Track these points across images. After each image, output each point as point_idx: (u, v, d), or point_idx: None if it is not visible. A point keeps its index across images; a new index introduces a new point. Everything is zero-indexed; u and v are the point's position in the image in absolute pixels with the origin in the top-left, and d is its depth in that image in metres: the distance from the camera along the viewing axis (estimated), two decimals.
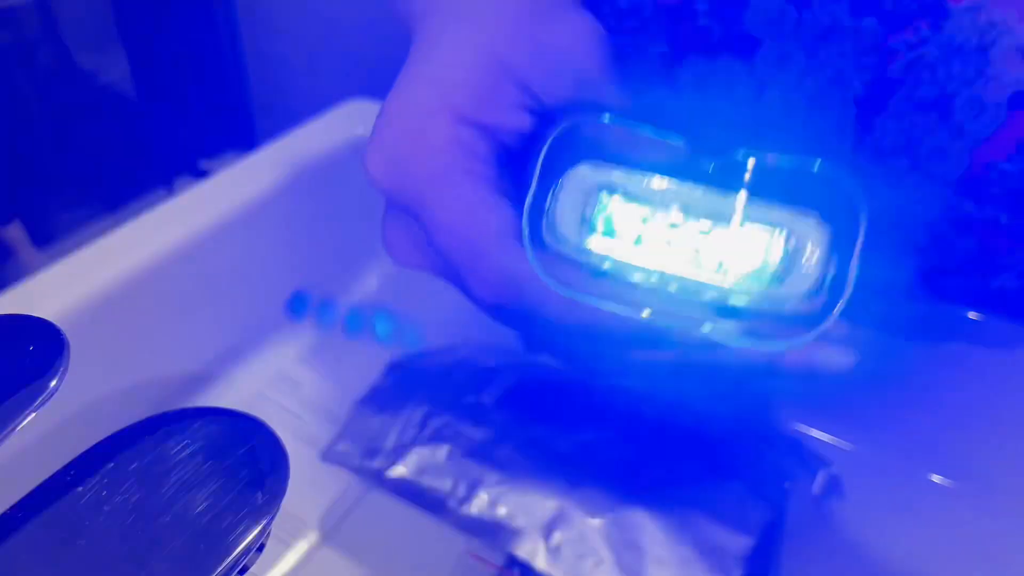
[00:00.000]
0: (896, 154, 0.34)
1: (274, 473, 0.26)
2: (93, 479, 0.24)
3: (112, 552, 0.23)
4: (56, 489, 0.24)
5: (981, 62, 0.30)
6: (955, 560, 0.40)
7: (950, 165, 0.33)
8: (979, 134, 0.32)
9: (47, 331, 0.25)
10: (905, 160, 0.34)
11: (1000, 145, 0.32)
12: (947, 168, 0.33)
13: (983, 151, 0.32)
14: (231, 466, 0.26)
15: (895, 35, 0.31)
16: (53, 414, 0.38)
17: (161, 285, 0.42)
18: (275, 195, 0.47)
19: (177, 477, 0.25)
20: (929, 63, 0.31)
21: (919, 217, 0.35)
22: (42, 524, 0.23)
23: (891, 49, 0.32)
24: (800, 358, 0.25)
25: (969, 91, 0.31)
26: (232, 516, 0.24)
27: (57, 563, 0.22)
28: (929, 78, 0.32)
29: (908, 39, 0.31)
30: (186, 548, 0.23)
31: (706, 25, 0.34)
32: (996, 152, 0.32)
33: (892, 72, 0.32)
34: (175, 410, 0.27)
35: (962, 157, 0.32)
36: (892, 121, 0.33)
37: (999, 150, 0.32)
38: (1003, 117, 0.31)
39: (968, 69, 0.31)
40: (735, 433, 0.41)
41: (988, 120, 0.31)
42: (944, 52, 0.31)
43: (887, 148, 0.34)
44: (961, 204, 0.34)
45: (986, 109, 0.31)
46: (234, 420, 0.28)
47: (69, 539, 0.23)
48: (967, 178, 0.33)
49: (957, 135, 0.32)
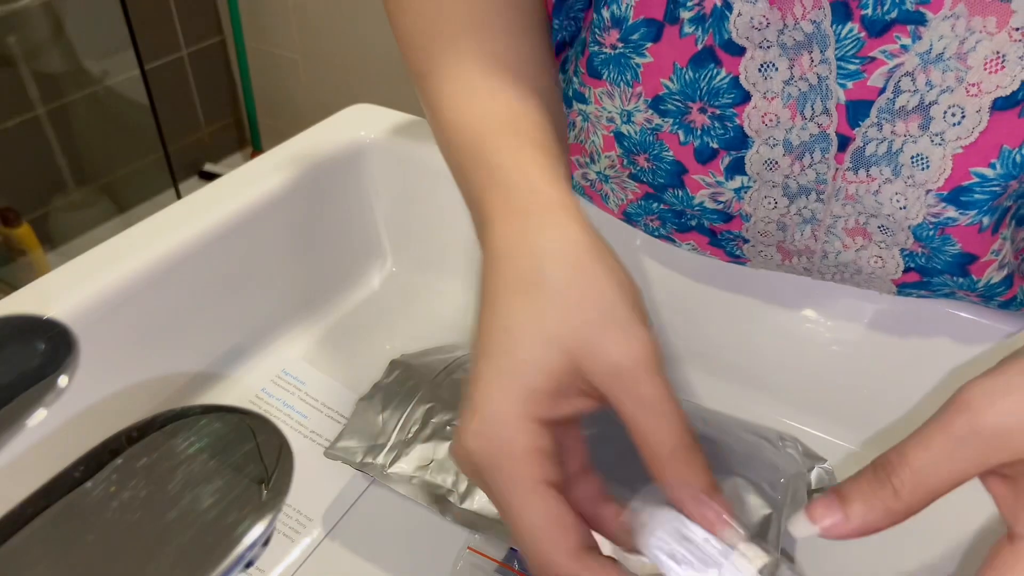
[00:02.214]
0: (878, 163, 0.34)
1: (279, 469, 0.27)
2: (102, 475, 0.25)
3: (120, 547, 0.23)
4: (65, 485, 0.24)
5: (960, 70, 0.31)
6: (953, 559, 0.40)
7: (932, 173, 0.33)
8: (961, 141, 0.32)
9: (57, 330, 0.25)
10: (887, 168, 0.34)
11: (983, 151, 0.32)
12: (929, 176, 0.33)
13: (965, 157, 0.32)
14: (237, 462, 0.26)
15: (875, 43, 0.32)
16: (63, 411, 0.39)
17: (169, 285, 0.43)
18: (280, 197, 0.48)
19: (184, 473, 0.25)
20: (908, 72, 0.32)
21: (902, 223, 0.35)
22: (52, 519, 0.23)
23: (871, 58, 0.32)
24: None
25: (949, 98, 0.31)
26: (238, 511, 0.25)
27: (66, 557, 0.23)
28: (909, 86, 0.32)
29: (888, 48, 0.32)
30: (193, 543, 0.24)
31: (691, 32, 0.34)
32: (979, 158, 0.32)
33: (873, 80, 0.32)
34: (182, 407, 0.28)
35: (944, 165, 0.33)
36: (874, 129, 0.33)
37: (982, 155, 0.32)
38: (985, 123, 0.31)
39: (947, 77, 0.31)
40: (732, 431, 0.42)
41: (970, 126, 0.32)
42: (923, 60, 0.31)
43: (869, 157, 0.34)
44: (944, 211, 0.34)
45: (967, 116, 0.31)
46: (239, 417, 0.28)
47: (78, 534, 0.23)
48: (949, 185, 0.33)
49: (939, 142, 0.32)
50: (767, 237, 0.40)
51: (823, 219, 0.37)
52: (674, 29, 0.34)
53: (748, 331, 0.46)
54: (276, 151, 0.51)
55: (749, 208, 0.38)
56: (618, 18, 0.35)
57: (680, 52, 0.35)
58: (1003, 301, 0.38)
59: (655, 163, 0.39)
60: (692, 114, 0.36)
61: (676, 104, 0.36)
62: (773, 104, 0.34)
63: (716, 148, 0.37)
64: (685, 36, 0.34)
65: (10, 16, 1.41)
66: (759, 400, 0.46)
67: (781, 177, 0.36)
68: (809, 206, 0.37)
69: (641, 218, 0.43)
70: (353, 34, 1.60)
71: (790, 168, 0.36)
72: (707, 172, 0.38)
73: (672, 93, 0.36)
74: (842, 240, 0.37)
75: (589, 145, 0.41)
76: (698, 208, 0.40)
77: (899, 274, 0.38)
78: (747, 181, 0.37)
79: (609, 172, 0.42)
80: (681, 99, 0.36)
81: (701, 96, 0.35)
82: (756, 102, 0.34)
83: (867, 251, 0.37)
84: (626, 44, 0.36)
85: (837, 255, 0.38)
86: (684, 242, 0.42)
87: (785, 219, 0.38)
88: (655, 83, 0.36)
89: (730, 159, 0.37)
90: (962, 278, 0.37)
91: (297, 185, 0.49)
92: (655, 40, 0.35)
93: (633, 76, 0.36)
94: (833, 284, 0.41)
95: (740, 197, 0.38)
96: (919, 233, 0.35)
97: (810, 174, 0.36)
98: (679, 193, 0.39)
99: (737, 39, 0.33)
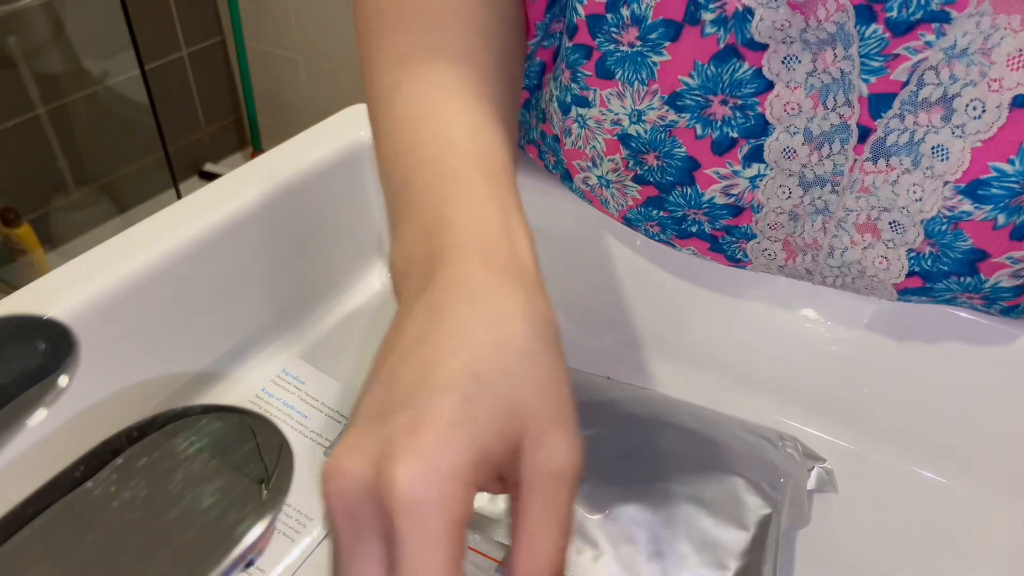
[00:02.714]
0: (898, 153, 0.34)
1: (279, 469, 0.27)
2: (102, 475, 0.25)
3: (121, 546, 0.23)
4: (65, 485, 0.24)
5: (984, 65, 0.31)
6: (952, 557, 0.40)
7: (951, 164, 0.33)
8: (981, 135, 0.32)
9: (57, 330, 0.25)
10: (907, 158, 0.34)
11: (1001, 146, 0.32)
12: (948, 167, 0.33)
13: (984, 151, 0.33)
14: (237, 462, 0.26)
15: (899, 42, 0.32)
16: (63, 411, 0.39)
17: (169, 285, 0.43)
18: (280, 197, 0.48)
19: (184, 473, 0.25)
20: (932, 66, 0.32)
21: (915, 216, 0.35)
22: (52, 519, 0.24)
23: (895, 55, 0.32)
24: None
25: (972, 92, 0.32)
26: (238, 511, 0.25)
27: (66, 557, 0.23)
28: (933, 79, 0.32)
29: (912, 44, 0.32)
30: (193, 542, 0.24)
31: (713, 33, 0.34)
32: (997, 153, 0.32)
33: (896, 75, 0.33)
34: (182, 407, 0.28)
35: (963, 157, 0.33)
36: (896, 120, 0.34)
37: (1000, 151, 0.32)
38: (1004, 119, 0.32)
39: (971, 71, 0.31)
40: (732, 431, 0.42)
41: (990, 121, 0.32)
42: (947, 55, 0.31)
43: (890, 147, 0.34)
44: (960, 204, 0.34)
45: (987, 110, 0.32)
46: (239, 417, 0.29)
47: (78, 533, 0.23)
48: (967, 177, 0.33)
49: (959, 135, 0.33)
50: (776, 230, 0.40)
51: (835, 211, 0.37)
52: (695, 29, 0.34)
53: (747, 332, 0.46)
54: (276, 151, 0.51)
55: (763, 198, 0.38)
56: (638, 17, 0.35)
57: (702, 51, 0.35)
58: (1006, 307, 0.38)
59: (665, 160, 0.39)
60: (713, 107, 0.36)
61: (695, 99, 0.36)
62: (796, 93, 0.34)
63: (735, 137, 0.37)
64: (707, 36, 0.34)
65: (10, 16, 1.41)
66: (758, 400, 0.46)
67: (798, 166, 0.36)
68: (823, 196, 0.37)
69: (641, 224, 0.43)
70: (353, 34, 1.60)
71: (808, 157, 0.36)
72: (723, 163, 0.38)
73: (692, 89, 0.36)
74: (851, 235, 0.38)
75: (589, 150, 0.41)
76: (706, 206, 0.40)
77: (902, 278, 0.38)
78: (764, 169, 0.37)
79: (611, 176, 0.42)
80: (701, 93, 0.36)
81: (723, 89, 0.35)
82: (779, 90, 0.35)
83: (873, 250, 0.37)
84: (644, 43, 0.36)
85: (843, 252, 0.38)
86: (684, 247, 0.43)
87: (798, 209, 0.38)
88: (672, 80, 0.36)
89: (749, 147, 0.37)
90: (970, 277, 0.37)
91: (297, 185, 0.49)
92: (673, 40, 0.35)
93: (649, 74, 0.36)
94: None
95: (755, 186, 0.38)
96: (931, 228, 0.35)
97: (827, 164, 0.36)
98: (687, 191, 0.39)
99: (759, 39, 0.34)
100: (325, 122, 0.54)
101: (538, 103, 0.45)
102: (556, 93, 0.42)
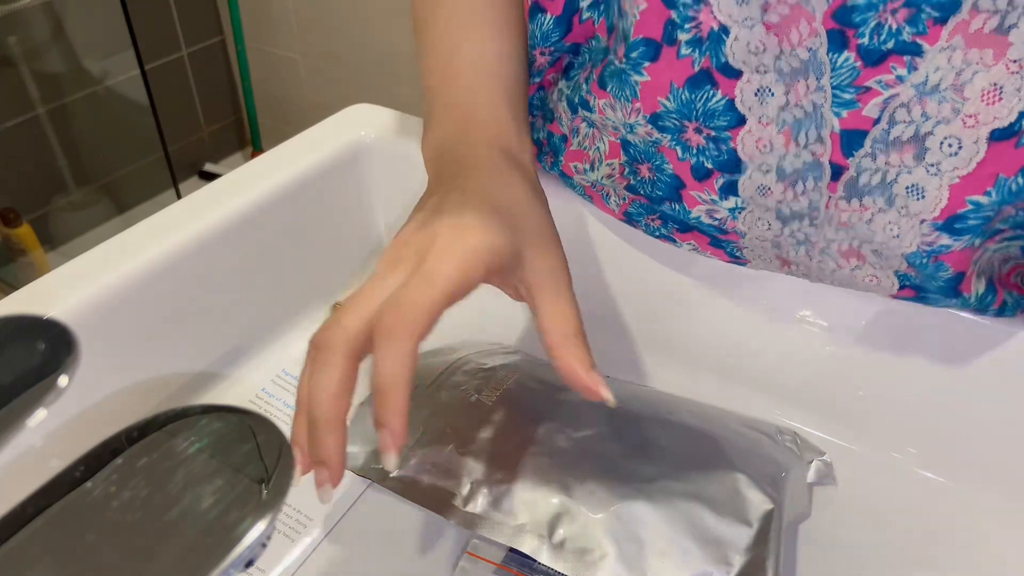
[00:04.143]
0: (871, 193, 0.34)
1: (279, 469, 0.27)
2: (102, 475, 0.25)
3: (121, 546, 0.23)
4: (65, 485, 0.24)
5: (956, 101, 0.31)
6: (950, 556, 0.40)
7: (928, 203, 0.33)
8: (959, 171, 0.32)
9: (57, 330, 0.25)
10: (881, 198, 0.34)
11: (979, 180, 0.32)
12: (925, 206, 0.33)
13: (962, 187, 0.32)
14: (237, 462, 0.26)
15: (871, 73, 0.32)
16: (63, 411, 0.39)
17: (169, 285, 0.43)
18: (280, 197, 0.48)
19: (184, 473, 0.25)
20: (904, 103, 0.32)
21: (895, 250, 0.35)
22: (52, 519, 0.23)
23: (866, 87, 0.32)
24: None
25: (945, 130, 0.31)
26: (238, 511, 0.25)
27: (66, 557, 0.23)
28: (905, 117, 0.32)
29: (883, 78, 0.31)
30: (193, 542, 0.24)
31: (688, 54, 0.34)
32: (974, 187, 0.32)
33: (868, 111, 0.32)
34: (182, 407, 0.28)
35: (940, 195, 0.33)
36: (867, 159, 0.33)
37: (977, 185, 0.32)
38: (983, 154, 0.31)
39: (943, 108, 0.31)
40: (731, 426, 0.42)
41: (968, 157, 0.32)
42: (919, 92, 0.31)
43: (863, 187, 0.34)
44: (939, 239, 0.34)
45: (964, 147, 0.31)
46: (239, 417, 0.29)
47: (78, 534, 0.23)
48: (945, 214, 0.33)
49: (935, 172, 0.32)
50: (764, 252, 0.40)
51: (816, 242, 0.37)
52: (671, 50, 0.34)
53: (747, 331, 0.46)
54: (276, 151, 0.51)
55: (744, 227, 0.38)
56: (625, 33, 0.36)
57: (677, 73, 0.35)
58: (996, 309, 0.38)
59: (657, 174, 0.39)
60: (688, 133, 0.36)
61: (673, 122, 0.36)
62: (768, 130, 0.34)
63: (711, 168, 0.37)
64: (682, 57, 0.34)
65: (10, 16, 1.41)
66: (758, 399, 0.46)
67: (774, 203, 0.36)
68: (803, 230, 0.37)
69: (642, 218, 0.43)
70: (353, 34, 1.60)
71: (783, 195, 0.36)
72: (703, 190, 0.38)
73: (669, 112, 0.36)
74: (836, 261, 0.38)
75: (592, 151, 0.42)
76: (694, 222, 0.40)
77: (895, 291, 0.38)
78: (741, 203, 0.37)
79: (606, 182, 0.42)
80: (678, 118, 0.36)
81: (696, 116, 0.35)
82: (751, 126, 0.35)
83: (862, 271, 0.37)
84: (627, 61, 0.36)
85: (833, 272, 0.39)
86: (685, 242, 0.43)
87: (779, 239, 0.38)
88: (653, 101, 0.36)
89: (724, 180, 0.37)
90: (955, 299, 0.37)
91: (297, 185, 0.49)
92: (653, 60, 0.35)
93: (632, 93, 0.37)
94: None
95: (735, 217, 0.38)
96: (912, 260, 0.35)
97: (803, 201, 0.36)
98: (676, 207, 0.40)
99: (734, 63, 0.33)
100: (325, 122, 0.54)
101: (544, 103, 0.45)
102: (567, 92, 0.42)
